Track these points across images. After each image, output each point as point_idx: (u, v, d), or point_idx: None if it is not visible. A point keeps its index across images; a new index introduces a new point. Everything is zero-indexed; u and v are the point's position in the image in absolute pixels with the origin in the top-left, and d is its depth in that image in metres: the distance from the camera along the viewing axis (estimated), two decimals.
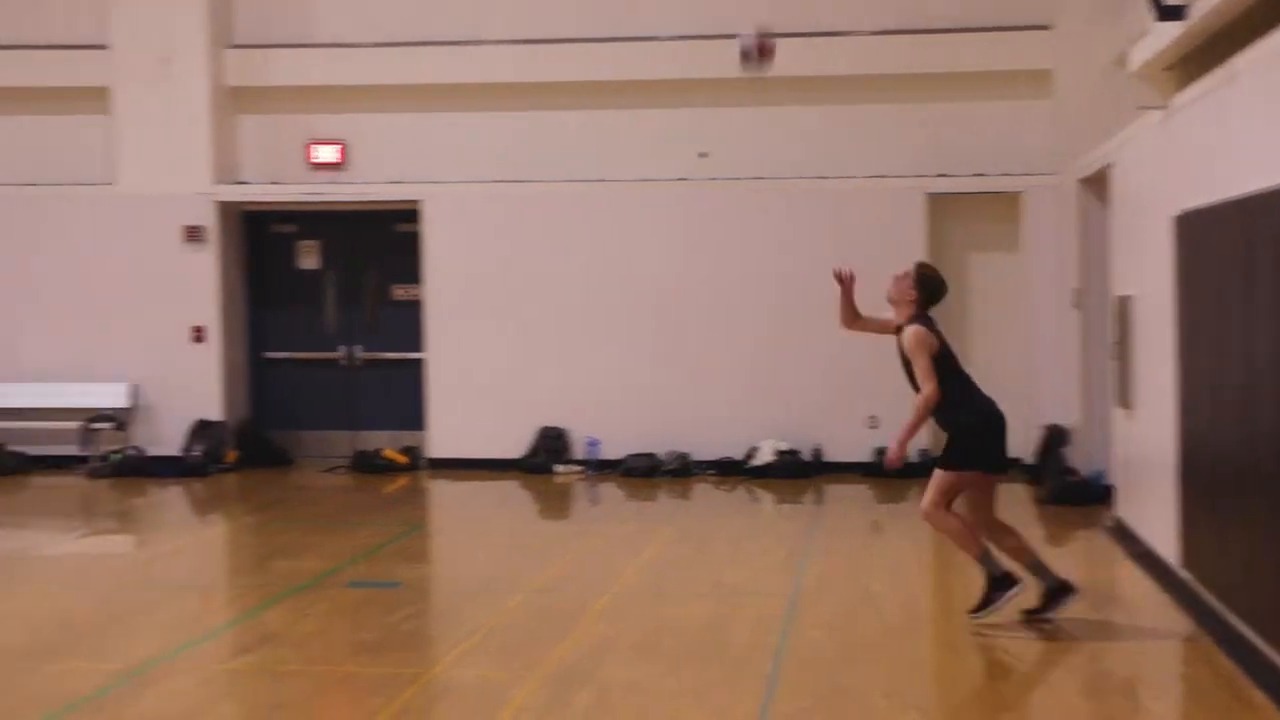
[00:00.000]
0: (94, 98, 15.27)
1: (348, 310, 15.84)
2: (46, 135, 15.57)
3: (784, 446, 14.41)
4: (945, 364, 8.06)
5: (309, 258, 15.94)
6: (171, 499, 13.78)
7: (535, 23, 15.11)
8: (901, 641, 7.98)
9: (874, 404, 14.33)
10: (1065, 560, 10.98)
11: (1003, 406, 8.27)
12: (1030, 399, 14.08)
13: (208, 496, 13.89)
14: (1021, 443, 14.10)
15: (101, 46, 15.24)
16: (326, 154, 15.44)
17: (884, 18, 14.71)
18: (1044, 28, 14.42)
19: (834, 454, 14.39)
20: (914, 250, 14.40)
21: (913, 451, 11.22)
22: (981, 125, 14.68)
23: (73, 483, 14.45)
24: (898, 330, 8.21)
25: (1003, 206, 14.60)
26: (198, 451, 14.87)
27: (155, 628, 8.38)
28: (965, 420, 8.06)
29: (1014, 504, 12.78)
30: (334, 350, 15.84)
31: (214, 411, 15.18)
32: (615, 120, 15.12)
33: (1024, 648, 7.84)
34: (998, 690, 7.30)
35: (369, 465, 15.05)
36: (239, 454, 15.16)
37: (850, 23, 14.75)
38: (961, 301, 14.81)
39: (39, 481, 14.60)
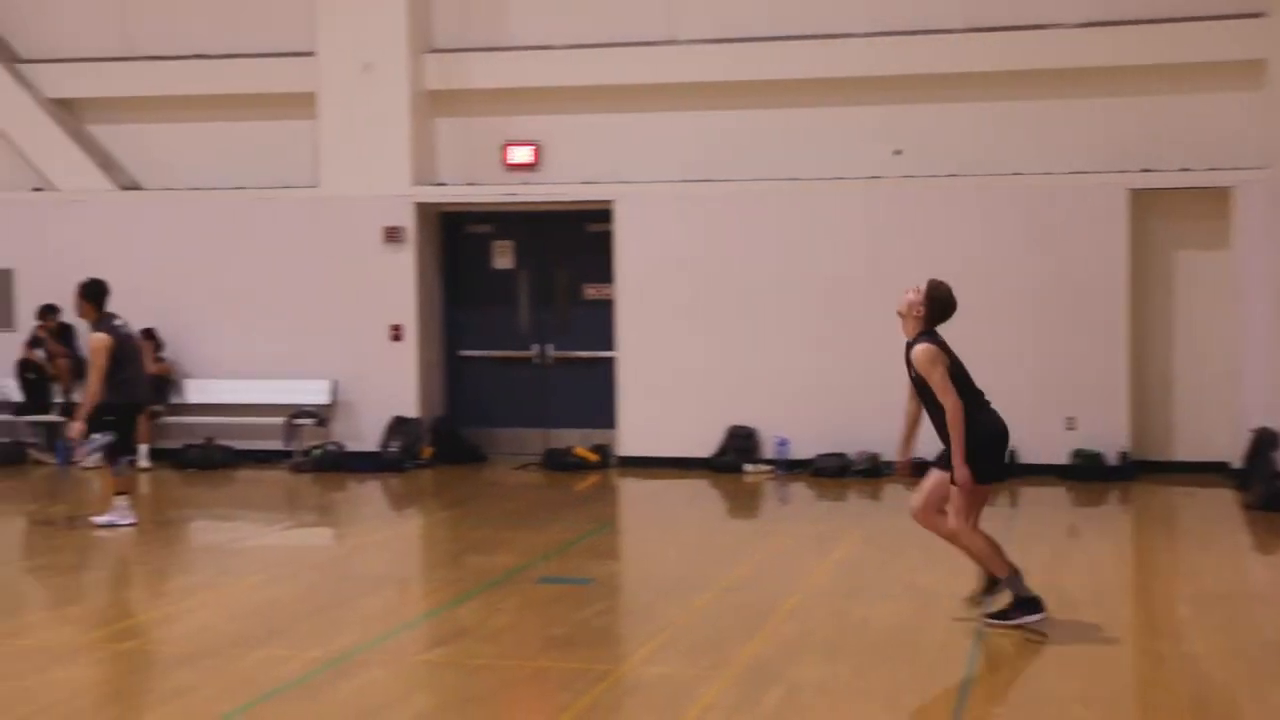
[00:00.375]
0: (300, 103, 15.72)
1: (540, 309, 16.04)
2: (255, 140, 16.09)
3: None
4: (956, 379, 8.04)
5: (503, 257, 16.17)
6: (369, 494, 14.12)
7: (728, 22, 15.08)
8: (1101, 649, 7.74)
9: (1073, 405, 14.00)
10: (1275, 570, 10.55)
11: (1209, 408, 8.03)
12: (1238, 401, 13.59)
13: (404, 492, 14.19)
14: (1229, 446, 13.67)
15: (308, 54, 15.69)
16: (521, 155, 15.66)
17: (1088, 10, 14.29)
18: (1257, 15, 13.87)
19: (1029, 455, 13.88)
20: (1116, 248, 14.05)
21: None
22: (1188, 118, 14.17)
23: (276, 477, 14.90)
24: (908, 348, 8.16)
25: (1211, 202, 14.08)
26: (394, 448, 15.21)
27: (354, 619, 8.58)
28: (972, 434, 8.00)
29: (1219, 508, 12.33)
30: (527, 349, 16.05)
31: (410, 409, 15.51)
32: (808, 118, 15.00)
33: (1230, 661, 7.54)
34: (1204, 703, 7.00)
35: (560, 463, 15.20)
36: (434, 450, 15.45)
37: (1053, 15, 14.38)
38: (1166, 301, 14.37)
39: (245, 475, 15.09)
